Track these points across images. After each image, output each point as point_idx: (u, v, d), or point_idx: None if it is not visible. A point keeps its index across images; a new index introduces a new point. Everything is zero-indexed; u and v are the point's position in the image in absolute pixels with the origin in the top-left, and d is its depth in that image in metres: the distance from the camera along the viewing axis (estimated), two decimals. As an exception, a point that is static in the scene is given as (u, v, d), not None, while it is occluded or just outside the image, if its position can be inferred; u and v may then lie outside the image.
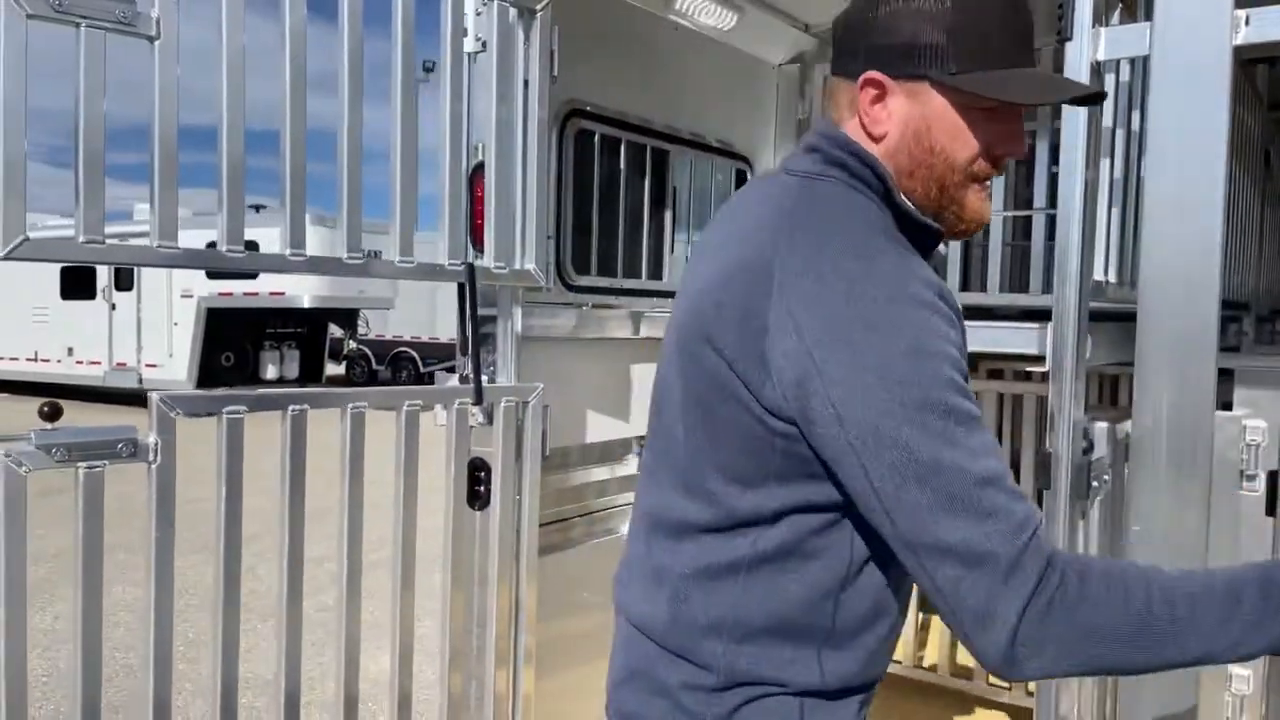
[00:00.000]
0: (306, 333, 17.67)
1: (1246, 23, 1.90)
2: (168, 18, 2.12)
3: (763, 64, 4.14)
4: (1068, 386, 2.09)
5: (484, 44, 2.71)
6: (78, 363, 17.26)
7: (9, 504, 1.96)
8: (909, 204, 1.26)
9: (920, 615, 4.06)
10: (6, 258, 1.96)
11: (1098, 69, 2.10)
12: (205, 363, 16.34)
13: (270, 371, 17.42)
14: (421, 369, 20.50)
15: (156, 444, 2.16)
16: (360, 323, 17.97)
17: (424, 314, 19.93)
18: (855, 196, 1.24)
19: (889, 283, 1.13)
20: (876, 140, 1.26)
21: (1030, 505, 1.11)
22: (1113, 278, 2.42)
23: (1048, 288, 3.84)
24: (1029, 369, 4.51)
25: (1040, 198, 3.74)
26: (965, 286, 3.77)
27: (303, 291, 15.85)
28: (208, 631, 2.25)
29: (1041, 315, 3.39)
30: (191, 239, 2.17)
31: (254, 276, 15.22)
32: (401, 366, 20.93)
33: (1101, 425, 2.30)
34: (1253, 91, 3.95)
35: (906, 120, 1.25)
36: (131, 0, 2.08)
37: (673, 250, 3.81)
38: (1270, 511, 1.97)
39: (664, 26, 3.56)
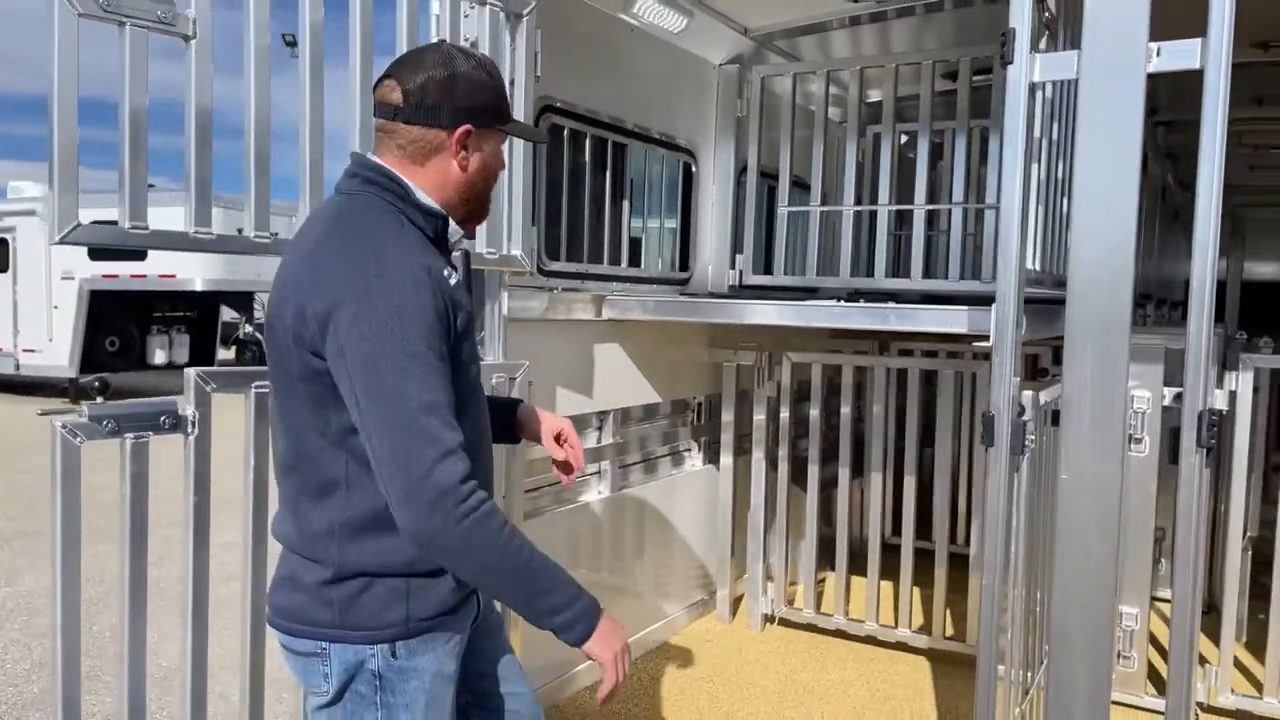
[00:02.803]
0: (197, 316, 17.09)
1: (1158, 54, 2.28)
2: (203, 18, 2.27)
3: (705, 64, 4.43)
4: (1008, 359, 2.45)
5: (474, 43, 2.91)
6: (-50, 347, 16.36)
7: (66, 472, 2.10)
8: (424, 199, 1.73)
9: (848, 577, 4.45)
10: (61, 242, 2.10)
11: (1033, 89, 2.45)
12: (88, 348, 15.66)
13: (158, 357, 16.78)
14: (317, 354, 20.11)
15: (194, 417, 2.31)
16: (256, 305, 17.52)
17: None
18: (384, 204, 1.70)
19: (387, 265, 1.59)
20: (464, 171, 1.75)
21: (455, 434, 1.55)
22: (1037, 266, 2.80)
23: (963, 274, 4.28)
24: (942, 348, 4.97)
25: (958, 193, 4.15)
26: (893, 273, 4.16)
27: (195, 274, 15.41)
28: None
29: (950, 300, 3.80)
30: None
31: (143, 257, 14.73)
32: (293, 351, 20.49)
33: (1029, 393, 2.67)
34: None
35: (485, 158, 1.77)
36: (170, 1, 2.22)
37: (629, 237, 4.07)
38: (1173, 460, 2.36)
39: (622, 28, 3.81)
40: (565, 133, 3.60)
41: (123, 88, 2.18)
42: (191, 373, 2.34)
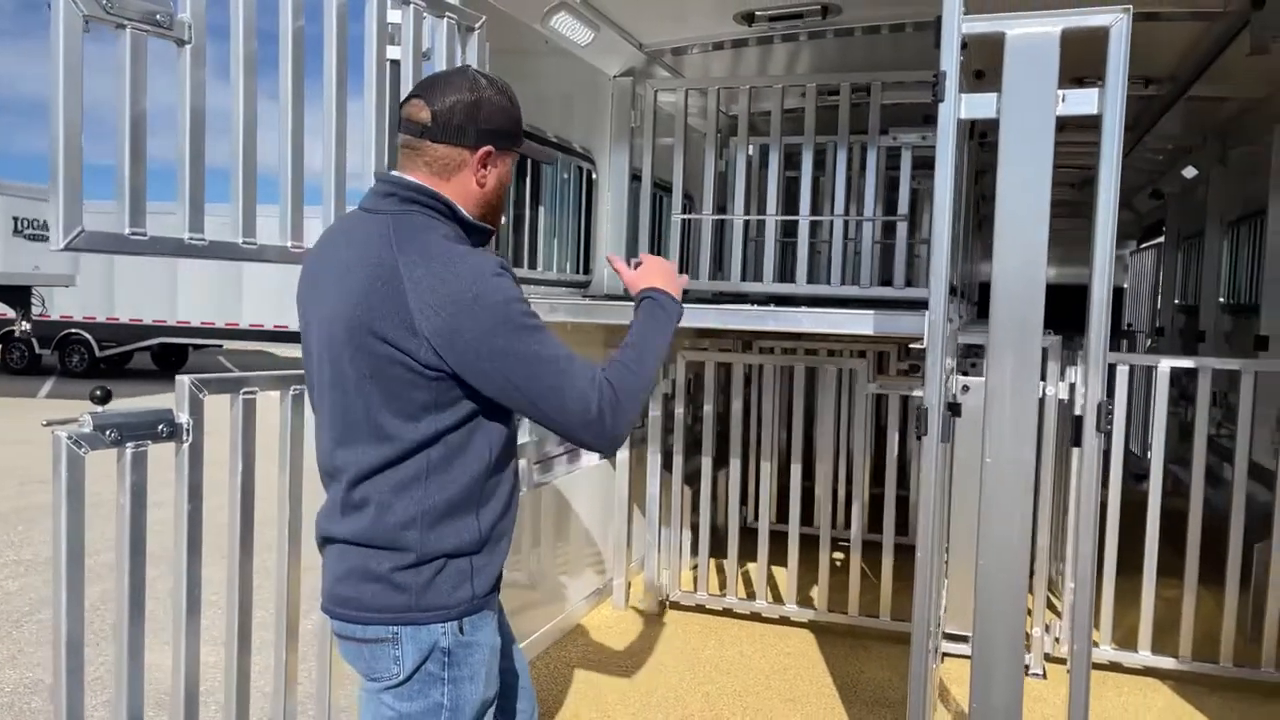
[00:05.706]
0: (-38, 314, 15.55)
1: (1063, 100, 2.68)
2: (198, 23, 2.25)
3: (602, 75, 4.60)
4: (939, 358, 2.79)
5: (427, 53, 2.98)
6: None
7: (71, 482, 2.06)
8: (468, 216, 1.90)
9: (738, 561, 4.76)
10: (66, 248, 2.05)
11: (959, 124, 2.80)
12: None
13: (-85, 358, 15.19)
14: (98, 353, 18.70)
15: (188, 424, 2.29)
16: (34, 301, 16.04)
17: (100, 292, 18.21)
18: (432, 219, 1.84)
19: (473, 265, 1.75)
20: (481, 187, 1.91)
21: (586, 362, 1.79)
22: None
23: (844, 280, 4.68)
24: (801, 345, 5.37)
25: (840, 204, 4.54)
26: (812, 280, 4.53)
27: (-37, 268, 14.07)
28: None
29: (831, 303, 4.15)
30: None
31: None
32: (72, 351, 18.94)
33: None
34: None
35: (500, 175, 1.94)
36: (168, 5, 2.20)
37: (543, 242, 4.20)
38: (1076, 443, 2.78)
39: (537, 39, 3.94)
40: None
41: (122, 92, 2.14)
42: (185, 380, 2.31)
